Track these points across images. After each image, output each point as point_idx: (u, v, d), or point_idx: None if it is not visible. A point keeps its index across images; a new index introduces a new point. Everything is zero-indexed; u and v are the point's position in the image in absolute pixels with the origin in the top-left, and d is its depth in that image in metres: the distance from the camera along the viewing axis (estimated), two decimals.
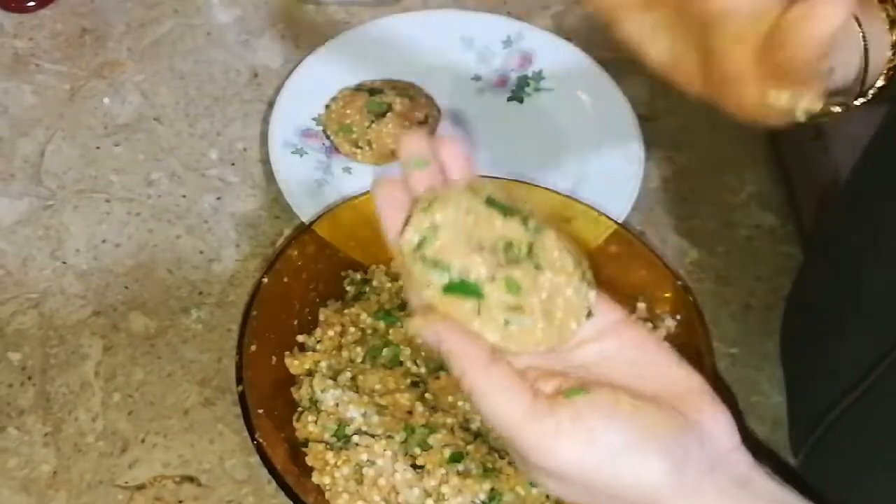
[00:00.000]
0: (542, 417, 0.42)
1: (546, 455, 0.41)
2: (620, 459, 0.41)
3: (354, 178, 0.77)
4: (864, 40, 0.52)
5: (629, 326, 0.47)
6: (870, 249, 0.56)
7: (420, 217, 0.45)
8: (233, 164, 0.78)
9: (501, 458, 0.60)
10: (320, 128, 0.79)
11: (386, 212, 0.46)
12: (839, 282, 0.59)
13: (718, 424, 0.44)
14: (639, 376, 0.45)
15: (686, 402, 0.44)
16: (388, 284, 0.69)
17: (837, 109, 0.52)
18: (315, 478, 0.60)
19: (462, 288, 0.43)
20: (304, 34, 0.86)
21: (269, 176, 0.76)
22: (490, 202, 0.46)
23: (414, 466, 0.60)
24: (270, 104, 0.80)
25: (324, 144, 0.78)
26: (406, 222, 0.45)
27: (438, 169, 0.47)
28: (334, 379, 0.63)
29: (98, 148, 0.79)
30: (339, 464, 0.60)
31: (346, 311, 0.67)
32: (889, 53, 0.53)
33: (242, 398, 0.60)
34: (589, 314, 0.46)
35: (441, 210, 0.45)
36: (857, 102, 0.54)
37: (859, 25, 0.51)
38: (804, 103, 0.45)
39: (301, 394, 0.64)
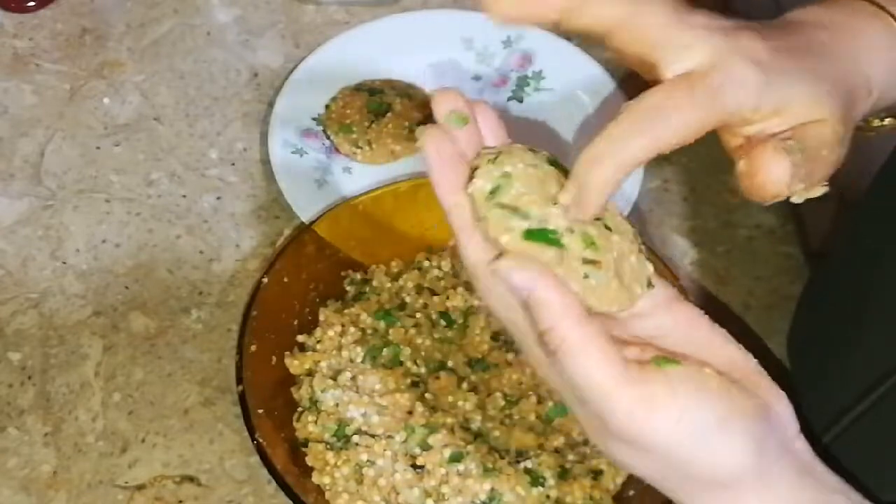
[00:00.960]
0: (635, 384, 0.39)
1: (636, 424, 0.39)
2: (708, 436, 0.40)
3: (354, 178, 0.77)
4: None
5: (682, 303, 0.44)
6: (889, 254, 0.56)
7: (489, 167, 0.42)
8: (233, 164, 0.78)
9: (501, 458, 0.60)
10: (320, 128, 0.79)
11: (437, 166, 0.42)
12: (856, 286, 0.59)
13: (784, 409, 0.42)
14: (698, 353, 0.42)
15: (752, 384, 0.42)
16: (388, 284, 0.69)
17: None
18: (315, 478, 0.60)
19: (543, 235, 0.41)
20: (304, 34, 0.86)
21: (269, 176, 0.76)
22: (552, 162, 0.44)
23: (414, 466, 0.60)
24: (270, 104, 0.80)
25: (324, 144, 0.78)
26: (471, 175, 0.42)
27: (477, 130, 0.44)
28: (334, 379, 0.64)
29: (98, 148, 0.79)
30: (339, 464, 0.60)
31: (346, 311, 0.68)
32: None
33: (242, 398, 0.60)
34: (650, 284, 0.44)
35: (509, 161, 0.42)
36: None
37: None
38: (798, 198, 0.45)
39: (301, 394, 0.64)
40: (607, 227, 0.43)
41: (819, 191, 0.44)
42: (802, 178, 0.43)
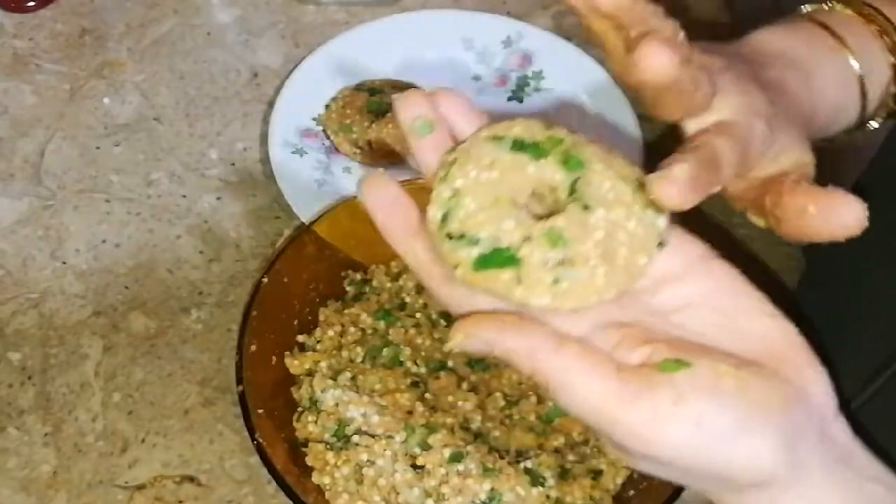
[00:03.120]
0: (636, 400, 0.37)
1: (649, 444, 0.37)
2: (730, 441, 0.37)
3: (354, 178, 0.77)
4: (893, 55, 0.52)
5: (714, 262, 0.41)
6: (876, 253, 0.56)
7: (439, 189, 0.40)
8: (233, 164, 0.78)
9: (501, 458, 0.60)
10: (320, 128, 0.79)
11: (380, 215, 0.41)
12: (844, 286, 0.59)
13: (821, 388, 0.39)
14: (731, 329, 0.40)
15: (787, 363, 0.39)
16: (388, 284, 0.69)
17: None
18: (315, 478, 0.60)
19: (495, 259, 0.38)
20: (304, 34, 0.86)
21: (269, 176, 0.76)
22: (517, 146, 0.40)
23: (414, 466, 0.60)
24: (270, 104, 0.80)
25: (324, 144, 0.78)
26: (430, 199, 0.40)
27: (447, 129, 0.41)
28: (334, 379, 0.63)
29: (98, 148, 0.79)
30: (339, 464, 0.60)
31: (346, 311, 0.68)
32: (890, 74, 0.52)
33: (242, 398, 0.60)
34: (661, 244, 0.40)
35: (460, 173, 0.39)
36: (874, 125, 0.54)
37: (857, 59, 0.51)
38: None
39: (301, 394, 0.64)
40: (586, 207, 0.39)
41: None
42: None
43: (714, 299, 0.40)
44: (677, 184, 0.39)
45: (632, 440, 0.37)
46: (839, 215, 0.41)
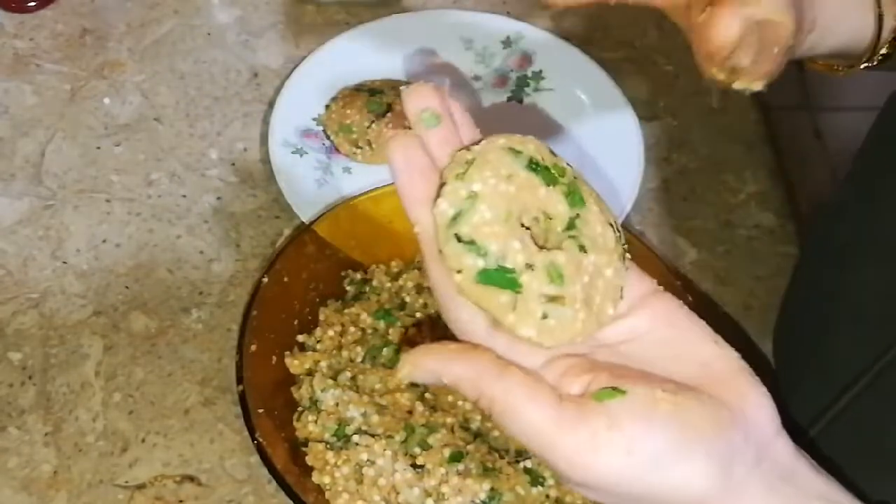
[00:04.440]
0: (574, 427, 0.38)
1: (584, 470, 0.38)
2: (664, 466, 0.38)
3: (354, 178, 0.77)
4: (879, 6, 0.53)
5: (660, 298, 0.42)
6: (864, 249, 0.56)
7: (455, 185, 0.39)
8: (233, 164, 0.79)
9: (501, 457, 0.61)
10: (320, 128, 0.79)
11: (405, 177, 0.40)
12: (833, 281, 0.59)
13: (761, 409, 0.40)
14: (673, 357, 0.41)
15: (726, 386, 0.40)
16: (388, 284, 0.69)
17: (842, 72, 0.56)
18: (315, 478, 0.60)
19: (499, 278, 0.38)
20: (304, 34, 0.86)
21: (269, 176, 0.76)
22: (532, 166, 0.40)
23: (414, 466, 0.60)
24: (270, 104, 0.80)
25: (324, 144, 0.79)
26: (439, 190, 0.39)
27: (453, 125, 0.41)
28: (334, 379, 0.64)
29: (98, 148, 0.79)
30: (339, 463, 0.60)
31: (346, 311, 0.68)
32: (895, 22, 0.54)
33: (242, 398, 0.60)
34: (621, 296, 0.41)
35: (479, 176, 0.39)
36: (862, 66, 0.55)
37: None
38: (740, 84, 0.48)
39: (301, 393, 0.64)
40: (581, 247, 0.40)
41: (757, 85, 0.49)
42: (750, 59, 0.48)
43: (659, 331, 0.41)
44: None
45: (568, 467, 0.38)
46: (714, 26, 0.47)
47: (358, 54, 0.82)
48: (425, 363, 0.40)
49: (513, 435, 0.39)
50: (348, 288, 0.70)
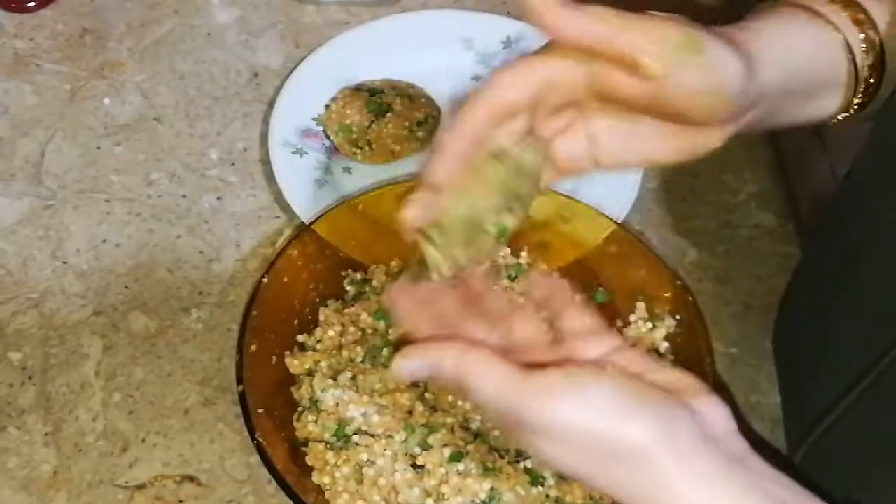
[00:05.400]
0: (534, 377, 0.43)
1: (540, 411, 0.42)
2: (612, 415, 0.42)
3: (354, 178, 0.77)
4: (851, 52, 0.52)
5: (625, 353, 0.47)
6: (868, 248, 0.56)
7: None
8: (233, 164, 0.79)
9: (501, 457, 0.61)
10: (320, 128, 0.79)
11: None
12: (836, 280, 0.59)
13: (712, 409, 0.44)
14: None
15: (684, 393, 0.44)
16: (388, 284, 0.69)
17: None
18: (315, 478, 0.60)
19: None
20: (304, 34, 0.86)
21: (269, 176, 0.76)
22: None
23: (414, 466, 0.60)
24: (270, 104, 0.80)
25: (324, 144, 0.79)
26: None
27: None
28: (334, 379, 0.64)
29: (98, 148, 0.79)
30: (339, 464, 0.60)
31: (346, 311, 0.68)
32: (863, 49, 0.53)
33: (242, 398, 0.60)
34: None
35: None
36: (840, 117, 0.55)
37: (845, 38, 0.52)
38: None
39: (301, 393, 0.64)
40: None
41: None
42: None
43: (628, 368, 0.46)
44: None
45: (525, 409, 0.42)
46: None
47: (358, 54, 0.82)
48: (411, 354, 0.46)
49: (480, 401, 0.44)
50: (348, 288, 0.70)
